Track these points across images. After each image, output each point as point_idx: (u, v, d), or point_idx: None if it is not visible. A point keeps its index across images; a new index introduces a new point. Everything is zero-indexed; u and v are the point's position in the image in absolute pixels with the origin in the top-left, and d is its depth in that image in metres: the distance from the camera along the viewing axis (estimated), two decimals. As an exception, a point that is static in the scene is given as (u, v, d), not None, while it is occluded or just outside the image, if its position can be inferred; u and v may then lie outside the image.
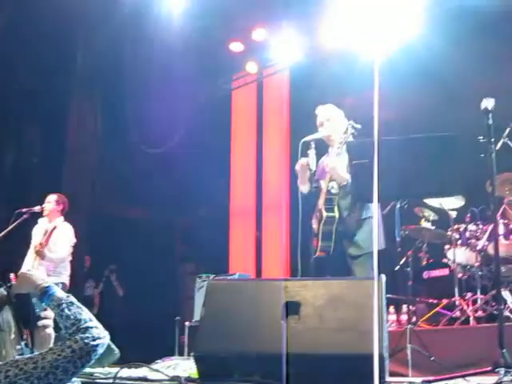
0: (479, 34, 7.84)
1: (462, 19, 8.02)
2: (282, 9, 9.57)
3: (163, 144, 10.42)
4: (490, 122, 3.61)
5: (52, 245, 7.06)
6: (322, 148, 5.47)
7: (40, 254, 6.93)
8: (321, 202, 5.19)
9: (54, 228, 7.03)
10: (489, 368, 3.23)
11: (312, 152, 5.13)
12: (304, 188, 5.28)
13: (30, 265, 7.01)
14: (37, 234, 7.34)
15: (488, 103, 3.69)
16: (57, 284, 7.06)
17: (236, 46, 10.38)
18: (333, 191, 5.16)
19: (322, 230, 5.10)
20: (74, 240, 7.36)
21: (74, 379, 2.54)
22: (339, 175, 5.09)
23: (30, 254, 7.23)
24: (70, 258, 7.33)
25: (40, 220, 7.45)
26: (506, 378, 2.93)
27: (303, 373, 3.04)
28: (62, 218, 7.39)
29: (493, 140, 3.59)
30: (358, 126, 5.10)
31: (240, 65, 10.70)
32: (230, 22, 9.84)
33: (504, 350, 3.24)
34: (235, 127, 11.21)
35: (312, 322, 3.17)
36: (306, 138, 5.19)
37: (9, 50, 9.42)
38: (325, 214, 5.11)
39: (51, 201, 7.38)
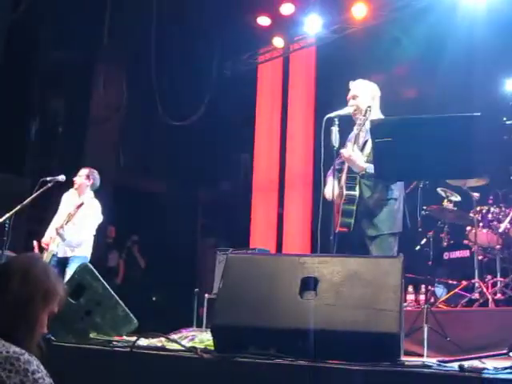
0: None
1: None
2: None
3: (188, 116, 10.43)
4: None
5: (78, 221, 6.99)
6: (347, 124, 5.44)
7: (60, 236, 6.91)
8: (343, 180, 5.17)
9: (81, 204, 6.96)
10: (504, 351, 3.21)
11: (335, 128, 5.09)
12: (328, 196, 5.23)
13: (52, 239, 6.99)
14: (65, 204, 7.32)
15: (514, 84, 3.64)
16: (78, 257, 7.08)
17: (263, 20, 10.33)
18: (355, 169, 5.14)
19: (343, 207, 5.09)
20: (101, 218, 7.33)
21: None
22: (355, 165, 5.06)
23: (56, 222, 7.23)
24: (94, 233, 7.33)
25: (71, 190, 7.42)
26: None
27: (318, 348, 3.05)
28: (91, 193, 7.35)
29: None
30: None
31: (267, 39, 10.66)
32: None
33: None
34: (260, 102, 11.18)
35: (328, 299, 3.17)
36: (330, 115, 5.14)
37: (33, 21, 9.44)
38: (345, 192, 5.09)
39: (82, 175, 7.32)
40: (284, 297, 3.26)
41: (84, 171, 7.37)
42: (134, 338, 3.61)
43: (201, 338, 4.02)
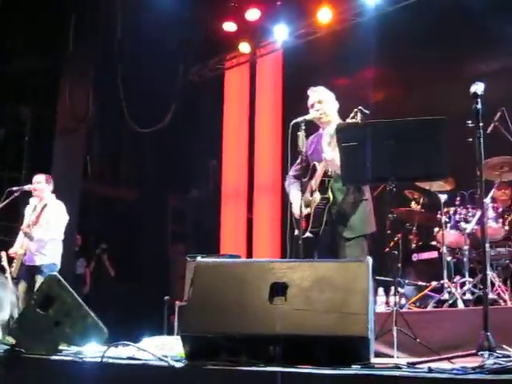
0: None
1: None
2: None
3: (155, 124, 10.39)
4: (479, 106, 3.59)
5: (44, 222, 7.04)
6: (313, 129, 5.47)
7: (28, 236, 6.91)
8: (314, 184, 5.19)
9: (45, 205, 7.01)
10: (473, 351, 3.25)
11: (302, 134, 5.10)
12: (297, 214, 5.21)
13: (20, 244, 7.01)
14: (28, 213, 7.33)
15: (477, 88, 3.67)
16: (47, 265, 7.07)
17: (229, 26, 10.33)
18: (328, 173, 5.15)
19: (314, 211, 5.11)
20: (67, 218, 7.35)
21: None
22: (338, 166, 5.08)
23: (22, 234, 7.23)
24: (63, 237, 7.32)
25: (31, 200, 7.44)
26: (488, 361, 2.95)
27: (289, 353, 3.06)
28: (53, 195, 7.37)
29: (481, 125, 3.58)
30: (367, 112, 5.02)
31: (233, 45, 10.67)
32: (224, 1, 9.79)
33: (488, 333, 3.26)
34: (228, 107, 11.19)
35: (298, 304, 3.18)
36: (297, 120, 5.16)
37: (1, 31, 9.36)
38: (319, 195, 5.12)
39: (41, 181, 7.34)
40: (253, 303, 3.26)
41: (41, 177, 7.40)
42: (104, 348, 3.59)
43: (171, 346, 4.00)
